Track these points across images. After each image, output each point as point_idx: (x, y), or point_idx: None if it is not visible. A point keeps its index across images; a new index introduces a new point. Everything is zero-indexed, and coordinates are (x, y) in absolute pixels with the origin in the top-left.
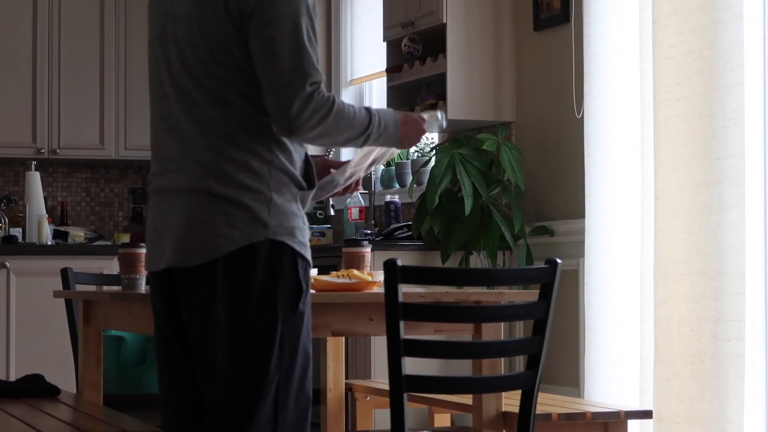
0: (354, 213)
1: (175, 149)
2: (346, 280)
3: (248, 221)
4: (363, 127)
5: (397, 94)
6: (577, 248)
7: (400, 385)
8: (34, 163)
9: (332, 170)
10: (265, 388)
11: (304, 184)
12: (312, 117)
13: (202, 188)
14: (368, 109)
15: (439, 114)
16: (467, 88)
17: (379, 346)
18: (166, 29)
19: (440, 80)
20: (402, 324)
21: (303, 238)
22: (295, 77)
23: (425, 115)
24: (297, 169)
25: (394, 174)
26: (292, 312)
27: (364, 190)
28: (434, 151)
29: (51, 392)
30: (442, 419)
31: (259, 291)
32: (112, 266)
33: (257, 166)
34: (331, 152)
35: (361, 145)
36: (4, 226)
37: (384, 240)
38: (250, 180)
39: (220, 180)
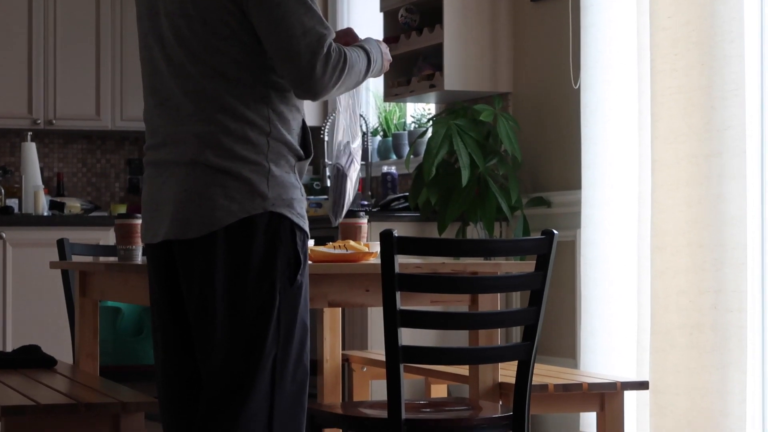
0: None
1: (170, 123)
2: (343, 251)
3: (246, 193)
4: (366, 67)
5: (393, 65)
6: (573, 219)
7: (397, 356)
8: (30, 133)
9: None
10: (263, 360)
11: (302, 153)
12: (333, 75)
13: (200, 161)
14: (362, 47)
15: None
16: (464, 58)
17: (375, 316)
18: (154, 3)
19: (437, 51)
20: (398, 295)
21: (301, 209)
22: (311, 40)
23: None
24: (295, 138)
25: (390, 145)
26: (290, 284)
27: (362, 161)
28: (431, 122)
29: (47, 363)
30: (439, 390)
31: (258, 263)
32: (108, 237)
33: (255, 138)
34: (327, 126)
35: (362, 82)
36: (0, 197)
37: (381, 211)
38: (248, 152)
39: (217, 152)
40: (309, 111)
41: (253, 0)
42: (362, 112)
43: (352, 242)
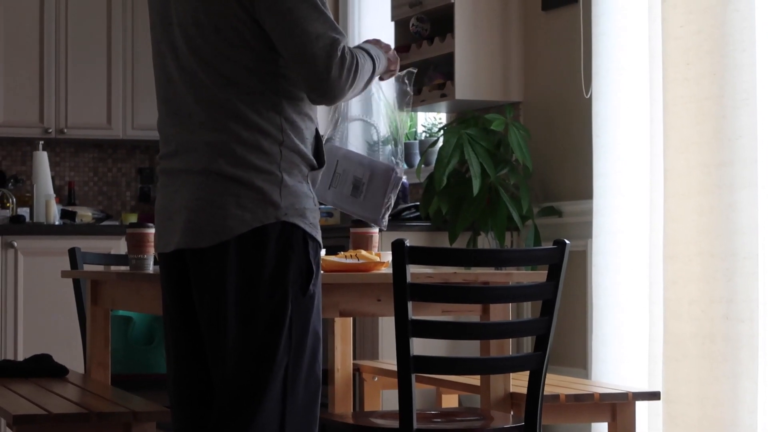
0: None
1: (183, 132)
2: (354, 261)
3: (259, 203)
4: (372, 68)
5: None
6: (585, 229)
7: (408, 366)
8: (41, 142)
9: None
10: (275, 369)
11: (315, 163)
12: (348, 78)
13: (212, 169)
14: (363, 49)
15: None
16: (475, 68)
17: (386, 326)
18: (167, 12)
19: (448, 60)
20: (410, 304)
21: (314, 219)
22: (325, 43)
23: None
24: (308, 148)
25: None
26: (302, 294)
27: None
28: (442, 131)
29: (59, 372)
30: (450, 400)
31: (270, 273)
32: (119, 246)
33: (268, 147)
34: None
35: (371, 83)
36: (11, 205)
37: (392, 220)
38: (261, 161)
39: (230, 161)
40: (319, 118)
41: (263, 7)
42: (373, 121)
43: (363, 252)
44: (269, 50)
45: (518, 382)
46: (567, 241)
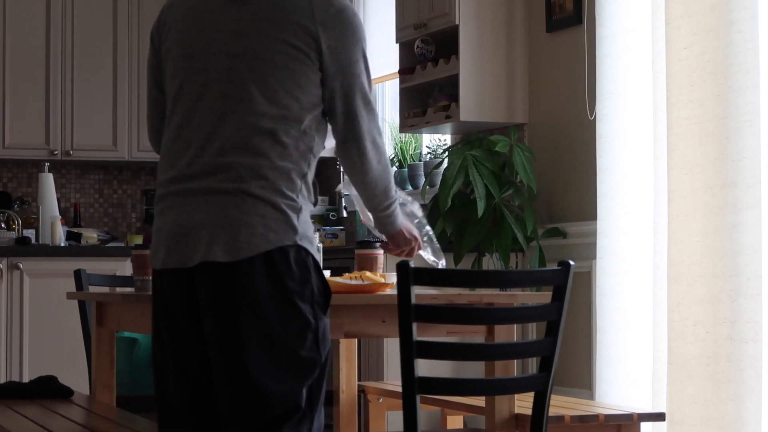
0: None
1: (212, 155)
2: (359, 282)
3: (282, 224)
4: (391, 195)
5: (409, 96)
6: (589, 250)
7: (413, 387)
8: (47, 164)
9: None
10: (302, 387)
11: (315, 201)
12: (377, 150)
13: (242, 189)
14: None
15: (434, 258)
16: (480, 89)
17: (391, 347)
18: (213, 43)
19: (453, 82)
20: (415, 326)
21: (317, 250)
22: (370, 110)
23: (425, 250)
24: (312, 185)
25: (406, 176)
26: (323, 312)
27: None
28: (447, 152)
29: (64, 393)
30: (455, 421)
31: (294, 290)
32: (125, 268)
33: (295, 178)
34: None
35: (375, 215)
36: (17, 227)
37: None
38: (287, 188)
39: (261, 184)
40: None
41: (334, 66)
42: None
43: (368, 273)
44: (320, 91)
45: (523, 403)
46: (571, 262)
